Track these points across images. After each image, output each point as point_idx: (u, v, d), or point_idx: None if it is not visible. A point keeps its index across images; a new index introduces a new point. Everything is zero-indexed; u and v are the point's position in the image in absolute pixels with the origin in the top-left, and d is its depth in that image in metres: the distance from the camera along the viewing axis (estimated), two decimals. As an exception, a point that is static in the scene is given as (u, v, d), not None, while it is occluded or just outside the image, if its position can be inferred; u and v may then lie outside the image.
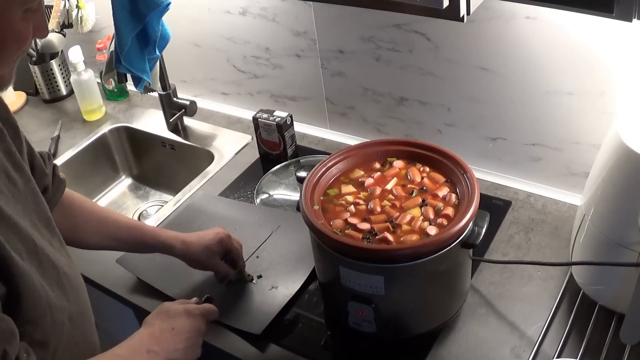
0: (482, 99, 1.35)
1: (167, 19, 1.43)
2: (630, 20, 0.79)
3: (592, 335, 1.05)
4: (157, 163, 1.85)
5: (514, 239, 1.27)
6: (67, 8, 1.82)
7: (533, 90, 1.26)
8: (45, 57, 1.93)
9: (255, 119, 1.57)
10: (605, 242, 1.00)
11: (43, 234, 0.88)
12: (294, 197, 1.45)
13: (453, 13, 0.84)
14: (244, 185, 1.54)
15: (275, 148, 1.59)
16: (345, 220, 1.04)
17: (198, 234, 1.19)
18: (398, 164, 1.14)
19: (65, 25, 1.85)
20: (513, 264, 1.20)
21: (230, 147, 1.68)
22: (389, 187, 1.09)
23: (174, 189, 1.69)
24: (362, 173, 1.14)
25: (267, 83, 1.69)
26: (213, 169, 1.61)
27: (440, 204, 1.04)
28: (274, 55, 1.61)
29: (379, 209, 1.05)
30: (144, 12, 1.37)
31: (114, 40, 1.44)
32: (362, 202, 1.07)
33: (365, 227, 1.02)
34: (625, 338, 0.96)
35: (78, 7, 1.81)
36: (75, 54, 1.78)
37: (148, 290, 1.25)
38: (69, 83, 1.95)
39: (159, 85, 1.64)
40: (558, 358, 1.02)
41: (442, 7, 0.82)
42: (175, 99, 1.71)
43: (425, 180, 1.10)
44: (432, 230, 1.00)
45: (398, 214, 1.04)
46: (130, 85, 1.62)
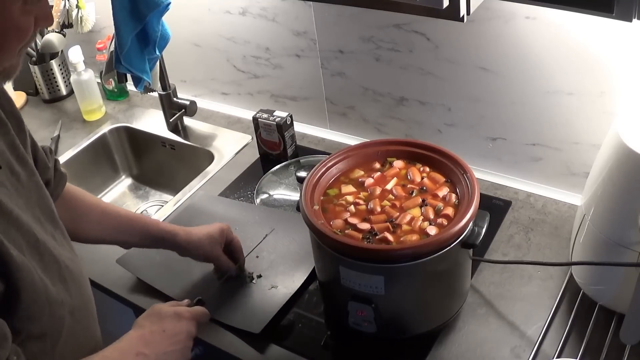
0: (482, 99, 1.35)
1: (167, 19, 1.43)
2: (630, 20, 0.79)
3: (592, 335, 1.05)
4: (157, 163, 1.85)
5: (514, 239, 1.27)
6: (67, 8, 1.82)
7: (533, 90, 1.26)
8: (45, 57, 1.93)
9: (255, 119, 1.57)
10: (605, 242, 1.00)
11: (46, 228, 0.88)
12: (294, 197, 1.45)
13: (453, 13, 0.84)
14: (244, 185, 1.54)
15: (275, 148, 1.59)
16: (345, 220, 1.04)
17: (199, 226, 1.21)
18: (398, 164, 1.14)
19: (65, 25, 1.85)
20: (513, 264, 1.21)
21: (230, 147, 1.68)
22: (389, 187, 1.09)
23: (174, 189, 1.69)
24: (362, 173, 1.14)
25: (267, 83, 1.69)
26: (213, 169, 1.61)
27: (440, 204, 1.04)
28: (274, 55, 1.61)
29: (379, 209, 1.05)
30: (144, 12, 1.37)
31: (114, 40, 1.44)
32: (362, 202, 1.07)
33: (365, 227, 1.02)
34: (625, 338, 0.96)
35: (78, 7, 1.81)
36: (75, 54, 1.78)
37: (148, 290, 1.25)
38: (69, 83, 1.95)
39: (159, 85, 1.64)
40: (558, 358, 1.02)
41: (442, 7, 0.82)
42: (175, 99, 1.71)
43: (425, 180, 1.10)
44: (432, 230, 1.00)
45: (398, 214, 1.04)
46: (130, 85, 1.62)
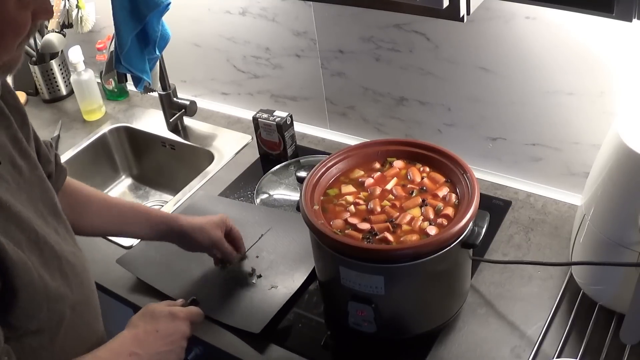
0: (482, 99, 1.35)
1: (167, 19, 1.43)
2: (630, 20, 0.79)
3: (592, 335, 1.05)
4: (157, 163, 1.85)
5: (514, 239, 1.27)
6: (67, 8, 1.82)
7: (533, 90, 1.26)
8: (45, 57, 1.93)
9: (255, 119, 1.57)
10: (605, 242, 1.00)
11: (48, 222, 0.88)
12: (294, 197, 1.45)
13: (453, 13, 0.84)
14: (244, 185, 1.54)
15: (275, 148, 1.59)
16: (345, 220, 1.04)
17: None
18: (398, 164, 1.14)
19: (65, 25, 1.85)
20: (513, 264, 1.21)
21: (230, 147, 1.68)
22: (389, 187, 1.09)
23: (174, 189, 1.69)
24: (362, 173, 1.14)
25: (267, 83, 1.69)
26: (213, 169, 1.61)
27: (440, 204, 1.04)
28: (274, 55, 1.61)
29: (379, 209, 1.05)
30: (144, 12, 1.37)
31: (114, 40, 1.43)
32: (362, 202, 1.07)
33: (365, 227, 1.02)
34: (625, 338, 0.96)
35: (78, 7, 1.82)
36: (75, 54, 1.78)
37: (148, 290, 1.25)
38: (69, 83, 1.95)
39: (159, 85, 1.64)
40: (558, 358, 1.02)
41: (442, 7, 0.82)
42: (175, 99, 1.71)
43: (425, 180, 1.10)
44: (432, 230, 1.00)
45: (398, 214, 1.04)
46: (130, 85, 1.62)
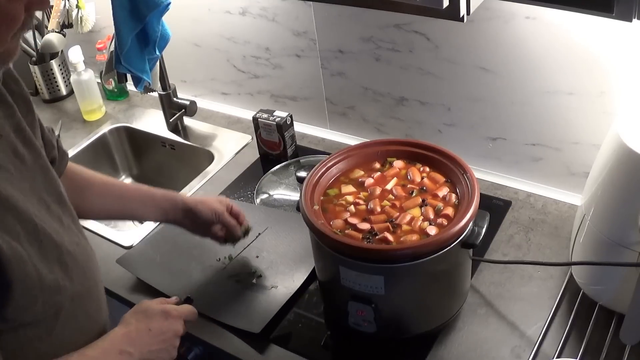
0: (482, 99, 1.35)
1: (167, 19, 1.43)
2: (630, 20, 0.79)
3: (592, 335, 1.05)
4: (157, 163, 1.85)
5: (514, 239, 1.27)
6: (67, 8, 1.82)
7: (533, 90, 1.26)
8: (45, 57, 1.93)
9: (255, 119, 1.57)
10: (605, 242, 1.00)
11: (52, 211, 0.88)
12: (294, 197, 1.45)
13: (453, 13, 0.84)
14: (244, 185, 1.54)
15: (275, 148, 1.59)
16: (345, 220, 1.04)
17: None
18: (398, 164, 1.14)
19: (65, 25, 1.85)
20: (513, 264, 1.21)
21: (230, 147, 1.68)
22: (389, 187, 1.09)
23: (174, 189, 1.66)
24: (362, 173, 1.14)
25: (267, 83, 1.69)
26: (213, 169, 1.61)
27: (440, 204, 1.04)
28: (274, 55, 1.61)
29: (379, 209, 1.05)
30: (144, 12, 1.37)
31: (114, 40, 1.43)
32: (362, 202, 1.07)
33: (365, 227, 1.02)
34: (625, 338, 0.96)
35: (78, 7, 1.81)
36: (75, 54, 1.78)
37: (148, 290, 1.25)
38: (69, 83, 1.95)
39: (159, 85, 1.64)
40: (558, 358, 1.02)
41: (442, 7, 0.82)
42: (175, 99, 1.71)
43: (425, 180, 1.10)
44: (432, 230, 1.00)
45: (398, 214, 1.04)
46: (130, 85, 1.62)
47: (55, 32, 1.84)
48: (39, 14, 1.88)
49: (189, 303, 1.07)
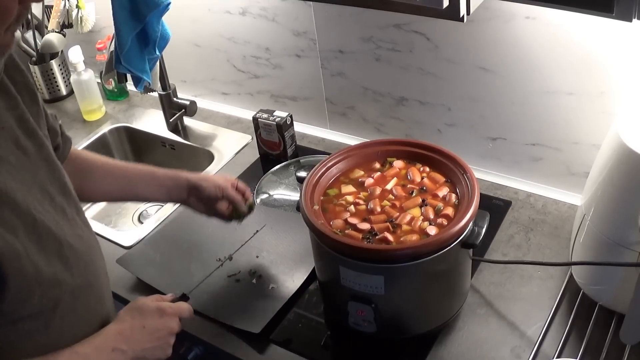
0: (482, 99, 1.35)
1: (167, 19, 1.43)
2: (630, 20, 0.79)
3: (592, 335, 1.05)
4: (157, 163, 1.81)
5: (514, 239, 1.27)
6: (67, 8, 1.82)
7: (533, 90, 1.26)
8: (45, 57, 1.93)
9: (255, 119, 1.57)
10: (605, 242, 1.00)
11: (56, 202, 0.87)
12: (294, 197, 1.45)
13: (453, 13, 0.84)
14: (244, 185, 1.54)
15: (275, 148, 1.59)
16: (345, 220, 1.04)
17: None
18: (398, 164, 1.14)
19: (65, 25, 1.85)
20: (513, 264, 1.21)
21: (230, 147, 1.68)
22: (389, 187, 1.09)
23: (174, 189, 1.68)
24: (362, 173, 1.14)
25: (267, 83, 1.70)
26: (213, 169, 1.61)
27: (440, 204, 1.04)
28: (274, 55, 1.61)
29: (379, 209, 1.05)
30: (144, 12, 1.37)
31: (114, 40, 1.43)
32: (362, 202, 1.07)
33: (365, 227, 1.02)
34: (625, 338, 0.96)
35: (78, 7, 1.81)
36: (75, 54, 1.78)
37: (148, 290, 1.25)
38: (69, 83, 1.95)
39: (159, 85, 1.64)
40: (558, 358, 1.02)
41: (442, 7, 0.82)
42: (175, 99, 1.71)
43: (425, 180, 1.10)
44: (432, 230, 1.00)
45: (398, 214, 1.04)
46: (130, 85, 1.62)
47: (55, 32, 1.84)
48: (39, 14, 1.88)
49: (185, 300, 1.06)
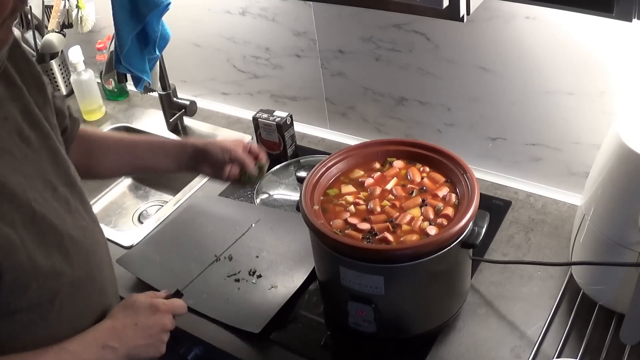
0: (482, 99, 1.35)
1: (167, 19, 1.43)
2: (630, 20, 0.79)
3: (592, 335, 1.05)
4: (157, 163, 1.85)
5: (514, 239, 1.27)
6: (67, 8, 1.82)
7: (533, 90, 1.26)
8: (45, 57, 1.93)
9: (255, 119, 1.57)
10: (605, 242, 1.00)
11: (59, 193, 0.86)
12: (294, 197, 1.45)
13: (453, 13, 0.84)
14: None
15: (275, 148, 1.59)
16: (345, 220, 1.04)
17: None
18: (398, 164, 1.14)
19: (65, 25, 1.85)
20: (513, 264, 1.21)
21: (230, 147, 1.68)
22: (389, 187, 1.09)
23: (174, 189, 1.68)
24: (362, 173, 1.14)
25: (267, 83, 1.70)
26: (213, 169, 1.61)
27: (440, 204, 1.04)
28: (274, 55, 1.61)
29: (379, 209, 1.05)
30: (144, 12, 1.37)
31: (114, 40, 1.43)
32: (362, 202, 1.07)
33: (365, 227, 1.02)
34: (625, 338, 0.96)
35: (78, 7, 1.81)
36: (75, 54, 1.78)
37: (148, 290, 1.25)
38: (69, 83, 1.95)
39: (159, 85, 1.64)
40: (558, 358, 1.02)
41: (442, 7, 0.82)
42: (175, 99, 1.71)
43: (425, 180, 1.10)
44: (432, 230, 1.00)
45: (398, 214, 1.04)
46: (130, 85, 1.62)
47: (55, 32, 1.84)
48: (39, 14, 1.88)
49: (179, 297, 1.04)
